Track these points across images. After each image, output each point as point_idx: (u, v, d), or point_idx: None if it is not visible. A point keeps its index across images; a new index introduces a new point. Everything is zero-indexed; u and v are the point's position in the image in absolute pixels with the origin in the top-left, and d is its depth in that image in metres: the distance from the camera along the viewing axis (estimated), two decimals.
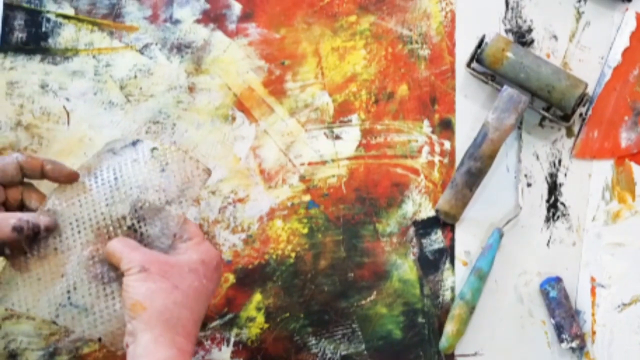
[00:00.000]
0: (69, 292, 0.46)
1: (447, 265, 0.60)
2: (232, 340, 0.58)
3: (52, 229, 0.48)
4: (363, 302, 0.59)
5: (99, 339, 0.46)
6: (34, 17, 0.62)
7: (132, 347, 0.43)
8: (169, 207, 0.48)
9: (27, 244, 0.47)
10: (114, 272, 0.47)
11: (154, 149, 0.50)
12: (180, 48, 0.62)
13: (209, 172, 0.51)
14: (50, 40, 0.62)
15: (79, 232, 0.48)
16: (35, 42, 0.61)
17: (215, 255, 0.48)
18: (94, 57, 0.62)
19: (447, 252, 0.60)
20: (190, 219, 0.50)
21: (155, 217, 0.48)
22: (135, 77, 0.61)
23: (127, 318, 0.44)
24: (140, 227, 0.48)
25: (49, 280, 0.47)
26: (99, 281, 0.47)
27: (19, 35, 0.61)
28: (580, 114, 0.62)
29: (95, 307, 0.46)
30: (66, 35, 0.62)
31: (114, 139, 0.52)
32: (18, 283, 0.47)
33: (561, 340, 0.58)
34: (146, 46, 0.62)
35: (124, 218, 0.48)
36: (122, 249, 0.46)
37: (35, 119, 0.61)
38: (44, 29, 0.62)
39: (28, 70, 0.61)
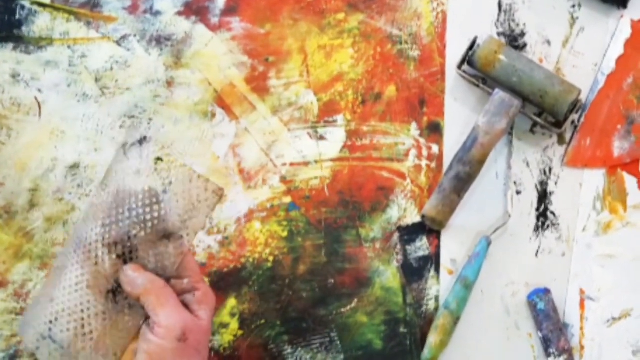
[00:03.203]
0: (51, 322, 0.42)
1: (432, 273, 0.58)
2: None
3: None
4: (343, 310, 0.57)
5: None
6: (8, 4, 0.59)
7: None
8: (167, 242, 0.42)
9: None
10: (96, 306, 0.42)
11: (158, 159, 0.42)
12: (159, 40, 0.60)
13: (220, 193, 0.42)
14: (24, 29, 0.59)
15: (75, 250, 0.42)
16: (8, 29, 0.59)
17: (215, 301, 0.44)
18: (69, 47, 0.59)
19: (432, 260, 0.58)
20: (191, 254, 0.43)
21: (150, 250, 0.42)
22: (112, 69, 0.59)
23: None
24: (131, 258, 0.42)
25: (41, 304, 0.42)
26: (79, 315, 0.42)
27: None
28: (573, 121, 0.60)
29: (72, 347, 0.41)
30: (41, 23, 0.59)
31: (132, 127, 0.46)
32: (31, 305, 0.43)
33: (548, 355, 0.56)
34: (124, 37, 0.60)
35: (115, 244, 0.42)
36: (167, 295, 0.40)
37: (5, 109, 0.58)
38: (17, 17, 0.59)
39: None
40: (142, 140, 0.43)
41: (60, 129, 0.58)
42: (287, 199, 0.58)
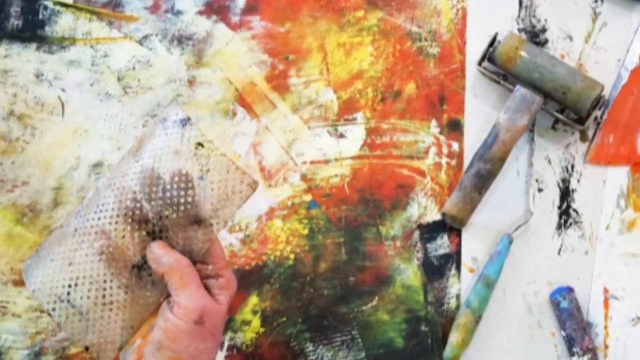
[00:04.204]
0: (70, 286, 0.42)
1: (453, 271, 0.57)
2: (226, 344, 0.56)
3: None
4: (364, 307, 0.57)
5: (86, 348, 0.42)
6: (31, 4, 0.60)
7: None
8: (197, 228, 0.42)
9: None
10: (119, 279, 0.42)
11: (198, 144, 0.42)
12: (181, 40, 0.60)
13: (254, 186, 0.42)
14: (47, 29, 0.60)
15: (99, 218, 0.42)
16: (32, 29, 0.60)
17: (236, 289, 0.44)
18: (91, 47, 0.60)
19: (453, 258, 0.58)
20: (219, 241, 0.43)
21: (179, 233, 0.42)
22: (134, 68, 0.60)
23: (151, 351, 0.40)
24: (160, 238, 0.42)
25: (58, 265, 0.42)
26: (101, 285, 0.42)
27: (14, 22, 0.60)
28: (595, 118, 0.59)
29: (91, 314, 0.42)
30: (63, 23, 0.60)
31: (172, 103, 0.43)
32: (40, 257, 0.42)
33: (572, 354, 0.55)
34: (146, 37, 0.60)
35: (146, 221, 0.41)
36: (190, 276, 0.41)
37: (29, 108, 0.59)
38: (40, 17, 0.60)
39: (23, 58, 0.59)
40: (185, 122, 0.42)
41: (84, 128, 0.59)
42: (308, 197, 0.58)
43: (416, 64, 0.60)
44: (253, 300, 0.57)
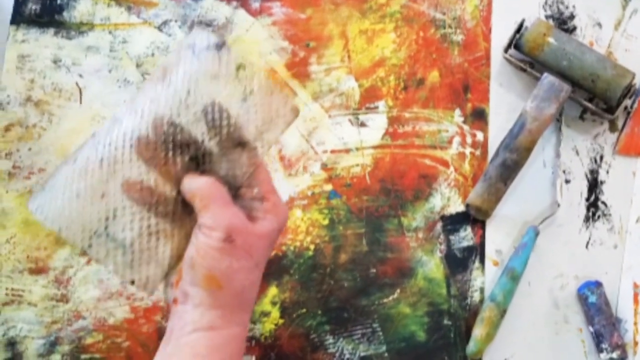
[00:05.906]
0: (107, 219, 0.39)
1: (477, 264, 0.56)
2: None
3: None
4: (385, 300, 0.55)
5: (132, 282, 0.40)
6: None
7: (185, 309, 0.40)
8: (241, 151, 0.40)
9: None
10: (165, 207, 0.39)
11: (240, 66, 0.40)
12: (200, 26, 0.59)
13: (297, 111, 0.41)
14: (65, 14, 0.59)
15: (131, 145, 0.39)
16: (50, 15, 0.59)
17: (287, 216, 0.43)
18: (110, 32, 0.59)
19: (477, 251, 0.56)
20: (264, 166, 0.42)
21: (223, 157, 0.40)
22: (153, 54, 0.59)
23: (187, 277, 0.39)
24: (204, 162, 0.40)
25: (88, 199, 0.39)
26: (145, 215, 0.39)
27: (32, 7, 0.59)
28: (626, 107, 0.57)
29: (135, 245, 0.39)
30: (82, 9, 0.59)
31: (197, 29, 0.42)
32: (58, 195, 0.39)
33: (600, 350, 0.54)
34: (165, 23, 0.59)
35: (187, 145, 0.40)
36: (212, 197, 0.39)
37: (46, 94, 0.58)
38: (59, 2, 0.59)
39: (41, 43, 0.59)
40: (220, 45, 0.40)
41: (101, 115, 0.58)
42: (328, 187, 0.57)
43: (440, 52, 0.59)
44: (272, 291, 0.56)
